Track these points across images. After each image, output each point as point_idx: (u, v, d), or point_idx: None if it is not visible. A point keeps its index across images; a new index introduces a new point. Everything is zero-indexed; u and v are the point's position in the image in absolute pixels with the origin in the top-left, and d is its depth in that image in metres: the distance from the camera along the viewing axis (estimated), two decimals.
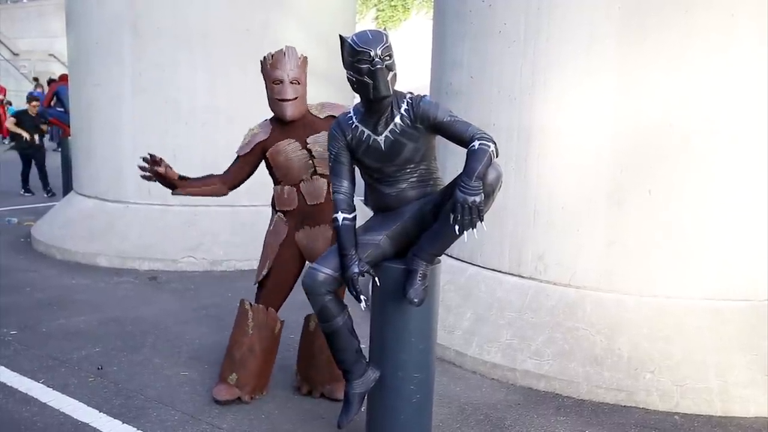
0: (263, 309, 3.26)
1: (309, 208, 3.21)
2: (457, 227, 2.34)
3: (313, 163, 3.19)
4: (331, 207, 3.20)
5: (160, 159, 3.02)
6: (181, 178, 3.15)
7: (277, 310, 3.31)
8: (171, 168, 3.09)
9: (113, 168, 6.47)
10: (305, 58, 3.20)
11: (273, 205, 3.33)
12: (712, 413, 3.37)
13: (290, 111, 3.13)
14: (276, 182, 3.27)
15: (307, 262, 3.30)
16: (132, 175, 6.36)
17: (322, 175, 3.20)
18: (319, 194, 3.21)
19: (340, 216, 2.62)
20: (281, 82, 3.10)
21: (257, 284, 3.32)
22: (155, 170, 3.04)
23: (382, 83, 2.44)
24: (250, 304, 3.27)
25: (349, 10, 7.47)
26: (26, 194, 9.90)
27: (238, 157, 3.24)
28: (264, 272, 3.26)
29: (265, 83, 3.18)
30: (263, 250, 3.31)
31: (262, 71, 3.19)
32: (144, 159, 3.05)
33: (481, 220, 2.35)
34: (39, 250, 6.51)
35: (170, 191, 3.15)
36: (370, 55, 2.42)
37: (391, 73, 2.46)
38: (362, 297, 2.57)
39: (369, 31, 2.50)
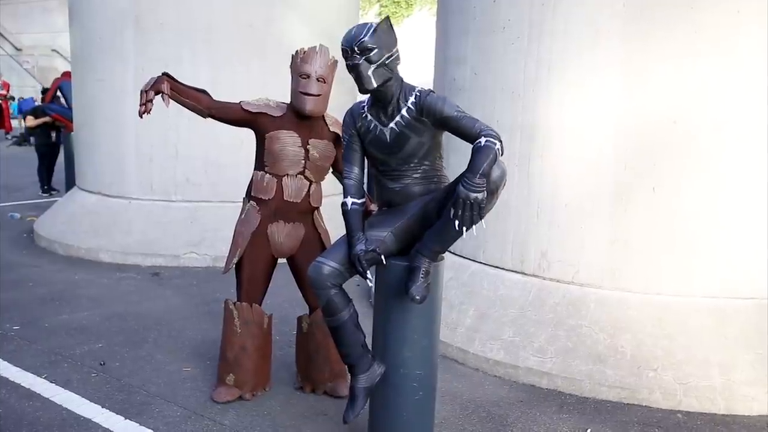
0: (247, 306, 3.25)
1: (284, 204, 3.20)
2: (456, 222, 2.33)
3: (305, 164, 3.18)
4: (307, 209, 3.25)
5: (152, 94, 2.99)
6: (171, 78, 3.10)
7: (261, 303, 3.30)
8: (163, 90, 3.04)
9: (116, 164, 6.47)
10: (335, 60, 3.18)
11: (247, 193, 3.31)
12: (715, 411, 3.36)
13: (310, 105, 3.11)
14: (260, 167, 3.24)
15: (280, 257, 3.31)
16: (135, 171, 6.38)
17: (307, 178, 3.21)
18: (299, 194, 3.20)
19: (349, 201, 2.67)
20: (308, 76, 3.10)
21: (236, 282, 3.31)
22: (151, 98, 3.01)
23: (363, 77, 2.48)
24: (234, 303, 3.26)
25: (353, 5, 7.46)
26: (44, 194, 9.46)
27: (240, 105, 3.19)
28: (235, 260, 3.24)
29: (292, 76, 3.18)
30: (234, 239, 3.29)
31: (291, 65, 3.19)
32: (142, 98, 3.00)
33: (482, 218, 2.34)
34: (42, 246, 6.52)
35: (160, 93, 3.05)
36: (348, 52, 2.49)
37: (372, 66, 2.48)
38: (368, 275, 2.57)
39: (359, 24, 2.54)
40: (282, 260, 3.35)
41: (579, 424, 3.22)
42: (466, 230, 2.35)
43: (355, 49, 2.46)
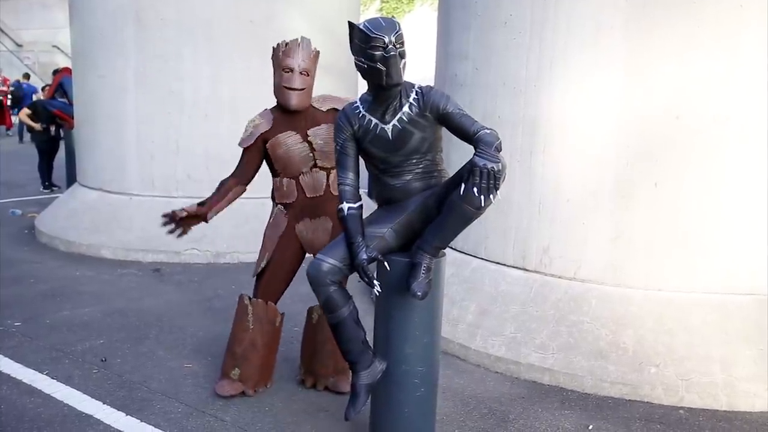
0: (262, 303, 3.24)
1: (308, 201, 3.20)
2: (475, 189, 2.29)
3: (314, 156, 3.17)
4: (331, 198, 3.21)
5: (172, 212, 3.15)
6: (201, 204, 3.20)
7: (276, 302, 3.30)
8: (188, 208, 3.16)
9: (117, 160, 6.46)
10: (318, 52, 3.18)
11: (273, 198, 3.31)
12: (717, 407, 3.35)
13: (295, 100, 3.11)
14: (275, 174, 3.24)
15: (307, 254, 3.30)
16: (136, 167, 6.38)
17: (321, 168, 3.19)
18: (319, 187, 3.20)
19: (346, 206, 2.62)
20: (291, 70, 3.09)
21: (255, 277, 3.31)
22: (179, 219, 3.14)
23: (395, 70, 2.43)
24: (249, 299, 3.26)
25: (354, 1, 7.44)
26: (45, 190, 9.49)
27: (243, 151, 3.22)
28: (263, 264, 3.24)
29: (274, 70, 3.16)
30: (263, 243, 3.30)
31: (272, 58, 3.17)
32: (165, 224, 3.17)
33: (497, 190, 2.31)
34: (42, 242, 6.52)
35: (204, 222, 3.21)
36: (384, 42, 2.41)
37: (402, 61, 2.46)
38: (375, 282, 2.55)
39: (381, 18, 2.50)
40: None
41: (581, 420, 3.22)
42: (484, 201, 2.31)
43: (394, 40, 2.42)
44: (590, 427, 3.15)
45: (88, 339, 4.03)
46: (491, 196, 2.31)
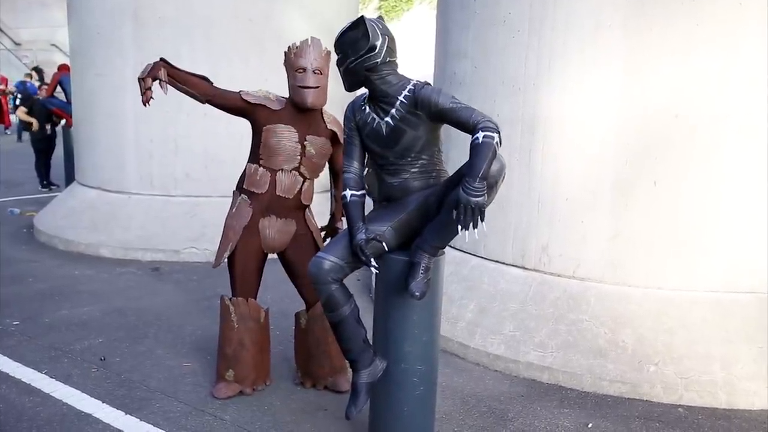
0: (243, 301, 3.24)
1: (276, 199, 3.18)
2: (459, 226, 2.34)
3: (300, 160, 3.16)
4: (299, 206, 3.25)
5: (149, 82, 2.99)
6: (168, 64, 3.07)
7: (255, 297, 3.29)
8: (160, 77, 3.01)
9: (115, 158, 6.46)
10: (329, 51, 3.17)
11: (238, 186, 3.28)
12: (717, 406, 3.35)
13: (311, 98, 3.09)
14: (253, 160, 3.21)
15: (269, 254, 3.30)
16: (134, 166, 6.37)
17: (301, 174, 3.19)
18: (292, 189, 3.19)
19: (349, 193, 2.68)
20: (304, 70, 3.08)
21: (230, 277, 3.29)
22: (149, 85, 3.00)
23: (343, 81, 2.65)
24: (230, 299, 3.25)
25: (352, 0, 7.44)
26: (43, 189, 9.48)
27: (239, 94, 3.14)
28: (226, 254, 3.22)
29: (287, 73, 3.15)
30: (224, 233, 3.26)
31: (285, 62, 3.16)
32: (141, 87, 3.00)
33: (482, 220, 2.34)
34: (41, 241, 6.51)
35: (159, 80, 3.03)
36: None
37: (341, 70, 2.60)
38: (372, 262, 2.56)
39: (350, 22, 2.56)
40: (273, 255, 3.34)
41: (580, 418, 3.22)
42: (468, 236, 2.38)
43: (338, 52, 2.60)
44: (589, 426, 3.15)
45: (87, 338, 4.03)
46: (476, 231, 2.34)
